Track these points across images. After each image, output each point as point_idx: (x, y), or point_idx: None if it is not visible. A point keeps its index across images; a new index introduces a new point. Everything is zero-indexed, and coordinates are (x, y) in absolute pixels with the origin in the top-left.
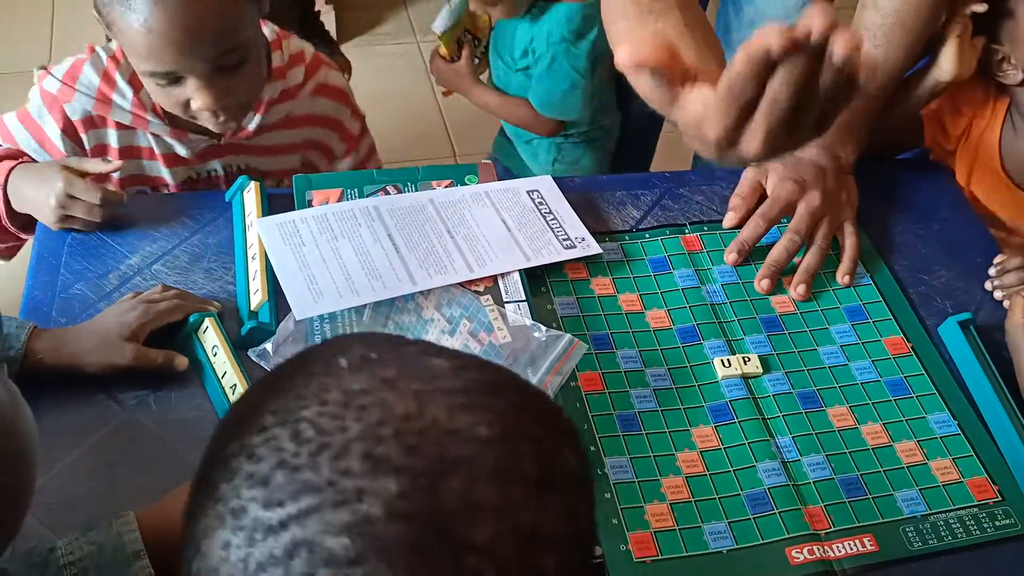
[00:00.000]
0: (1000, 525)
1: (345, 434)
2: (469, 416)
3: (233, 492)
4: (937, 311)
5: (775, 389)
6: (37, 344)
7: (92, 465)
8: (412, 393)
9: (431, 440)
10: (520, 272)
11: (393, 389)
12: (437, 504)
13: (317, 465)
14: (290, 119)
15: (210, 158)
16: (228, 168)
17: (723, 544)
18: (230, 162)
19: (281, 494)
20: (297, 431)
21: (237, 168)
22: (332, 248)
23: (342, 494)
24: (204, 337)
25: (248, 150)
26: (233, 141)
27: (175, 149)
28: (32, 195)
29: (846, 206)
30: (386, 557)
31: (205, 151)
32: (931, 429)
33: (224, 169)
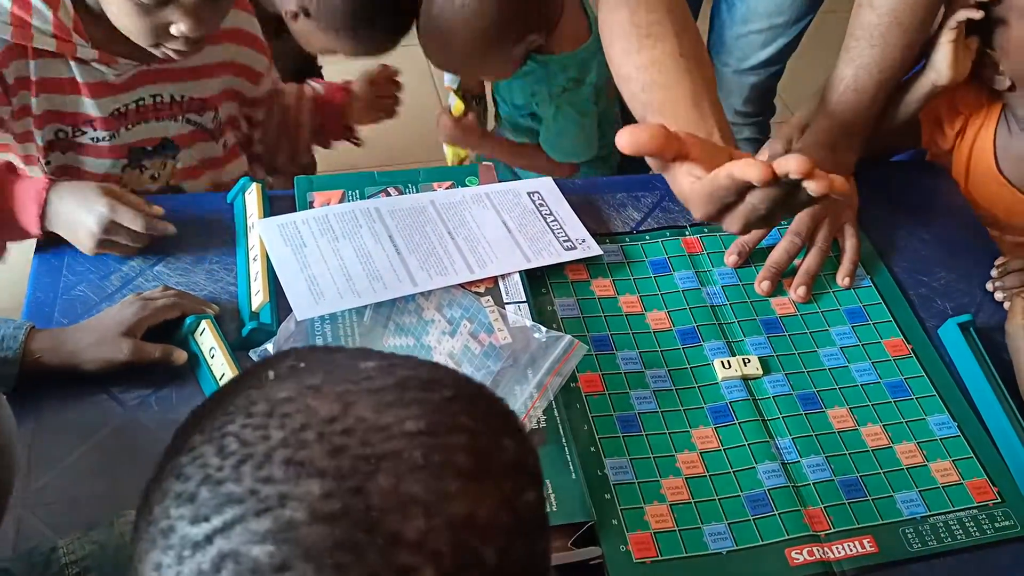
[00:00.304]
0: (1000, 527)
1: (268, 443)
2: (397, 412)
3: (163, 513)
4: (937, 313)
5: (775, 391)
6: (35, 344)
7: (93, 465)
8: (337, 395)
9: (356, 439)
10: (520, 273)
11: (318, 394)
12: (365, 502)
13: (240, 476)
14: (211, 36)
15: (137, 85)
16: (157, 98)
17: (723, 545)
18: (159, 90)
19: (206, 509)
20: (222, 446)
21: (170, 97)
22: (333, 249)
23: (264, 502)
24: (201, 339)
25: (173, 75)
26: (163, 67)
27: (104, 76)
28: (70, 217)
29: (846, 208)
30: (313, 559)
31: (133, 78)
32: (931, 431)
33: (153, 98)
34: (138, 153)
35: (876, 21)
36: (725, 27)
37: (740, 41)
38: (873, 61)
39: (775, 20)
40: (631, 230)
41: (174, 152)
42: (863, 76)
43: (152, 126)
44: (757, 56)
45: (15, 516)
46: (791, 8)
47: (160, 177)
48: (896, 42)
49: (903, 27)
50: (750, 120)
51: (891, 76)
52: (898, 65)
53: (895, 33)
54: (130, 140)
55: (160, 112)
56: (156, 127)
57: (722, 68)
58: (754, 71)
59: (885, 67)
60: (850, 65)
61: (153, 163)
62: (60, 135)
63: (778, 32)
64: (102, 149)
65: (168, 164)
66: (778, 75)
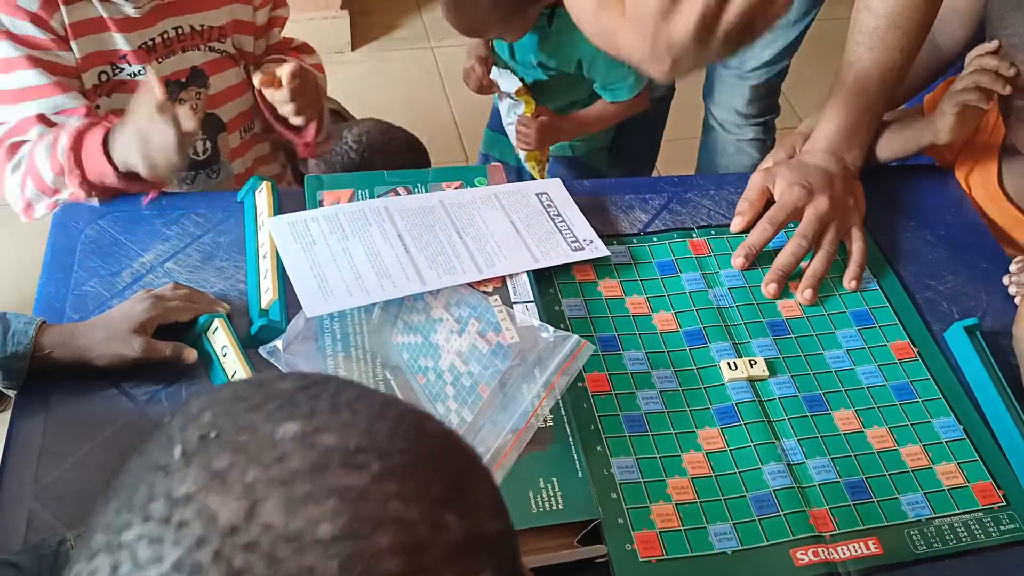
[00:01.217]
0: (1005, 530)
1: (160, 567)
2: (310, 511)
3: None
4: (943, 316)
5: (781, 392)
6: (45, 339)
7: (103, 460)
8: (244, 489)
9: (260, 558)
10: (528, 273)
11: (222, 487)
12: None
13: None
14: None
15: (158, 20)
16: (179, 29)
17: (728, 545)
18: (179, 22)
19: None
20: (116, 564)
21: (190, 28)
22: (343, 247)
23: None
24: (214, 338)
25: (186, 6)
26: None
27: (124, 11)
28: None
29: (853, 211)
30: None
31: (152, 12)
32: (936, 433)
33: (176, 31)
34: (173, 87)
35: (874, 24)
36: None
37: None
38: (873, 64)
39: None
40: (638, 232)
41: (204, 80)
42: (863, 79)
43: (180, 57)
44: (758, 57)
45: (25, 509)
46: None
47: (198, 108)
48: (895, 44)
49: (901, 30)
50: (754, 121)
51: (891, 78)
52: (897, 67)
53: (894, 36)
54: (164, 73)
55: (184, 43)
56: (184, 58)
57: (723, 70)
58: (755, 72)
59: (885, 69)
60: (850, 68)
61: (188, 94)
62: (103, 77)
63: (778, 33)
64: (143, 85)
65: (202, 94)
66: (781, 76)
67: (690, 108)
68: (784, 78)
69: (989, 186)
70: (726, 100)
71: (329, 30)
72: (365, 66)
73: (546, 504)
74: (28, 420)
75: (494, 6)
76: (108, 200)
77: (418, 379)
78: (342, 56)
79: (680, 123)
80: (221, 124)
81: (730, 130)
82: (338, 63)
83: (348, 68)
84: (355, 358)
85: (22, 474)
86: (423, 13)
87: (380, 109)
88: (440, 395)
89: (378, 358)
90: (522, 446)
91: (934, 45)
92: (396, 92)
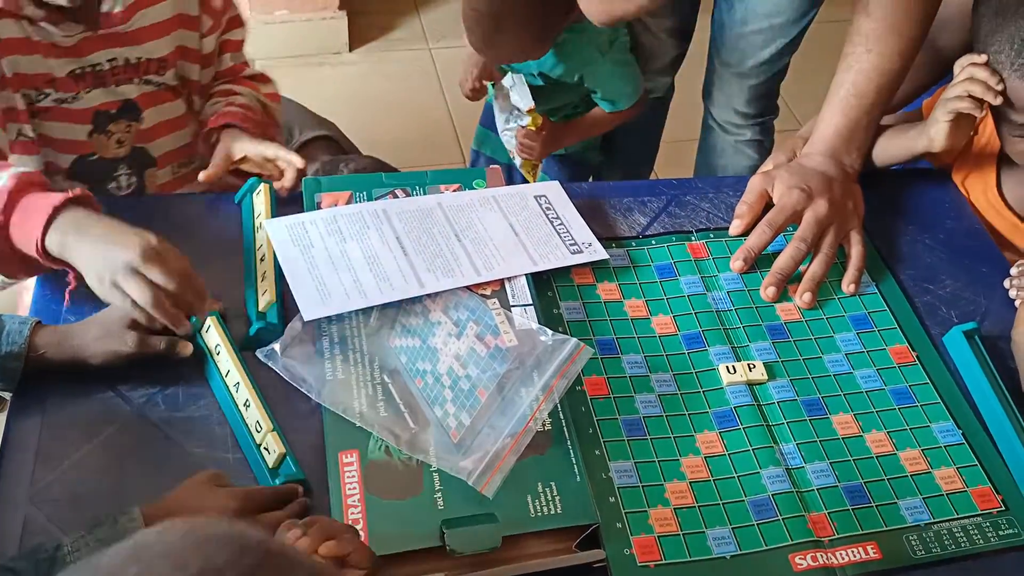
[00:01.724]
0: (1003, 535)
1: None
2: None
3: None
4: (942, 321)
5: (780, 396)
6: (39, 339)
7: (99, 462)
8: None
9: None
10: (527, 276)
11: None
12: None
13: None
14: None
15: (90, 51)
16: (113, 62)
17: (726, 550)
18: (114, 55)
19: None
20: None
21: (125, 60)
22: (341, 250)
23: None
24: (207, 337)
25: (124, 39)
26: (110, 31)
27: (53, 37)
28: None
29: (852, 215)
30: None
31: (84, 43)
32: (935, 438)
33: (110, 63)
34: (102, 117)
35: (872, 27)
36: (724, 27)
37: (740, 42)
38: (871, 66)
39: (774, 20)
40: (637, 235)
41: (137, 114)
42: (862, 81)
43: (111, 90)
44: (757, 56)
45: (21, 513)
46: (789, 8)
47: (125, 141)
48: (893, 46)
49: (898, 32)
50: (753, 121)
51: (889, 81)
52: (896, 70)
53: (891, 38)
54: (93, 104)
55: (118, 76)
56: (115, 91)
57: (722, 69)
58: (754, 71)
59: (883, 72)
60: (848, 71)
61: (117, 126)
62: (27, 100)
63: (777, 32)
64: (68, 113)
65: (132, 126)
66: (780, 76)
67: (689, 110)
68: (783, 78)
69: (988, 193)
70: (725, 99)
71: (327, 31)
72: (363, 67)
73: (544, 508)
74: (24, 423)
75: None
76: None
77: (416, 382)
78: (339, 57)
79: (679, 125)
80: (150, 159)
81: (729, 130)
82: (336, 64)
83: (345, 69)
84: (352, 361)
85: (18, 477)
86: (421, 14)
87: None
88: (438, 398)
89: (376, 361)
90: (520, 450)
91: (934, 49)
92: (394, 93)
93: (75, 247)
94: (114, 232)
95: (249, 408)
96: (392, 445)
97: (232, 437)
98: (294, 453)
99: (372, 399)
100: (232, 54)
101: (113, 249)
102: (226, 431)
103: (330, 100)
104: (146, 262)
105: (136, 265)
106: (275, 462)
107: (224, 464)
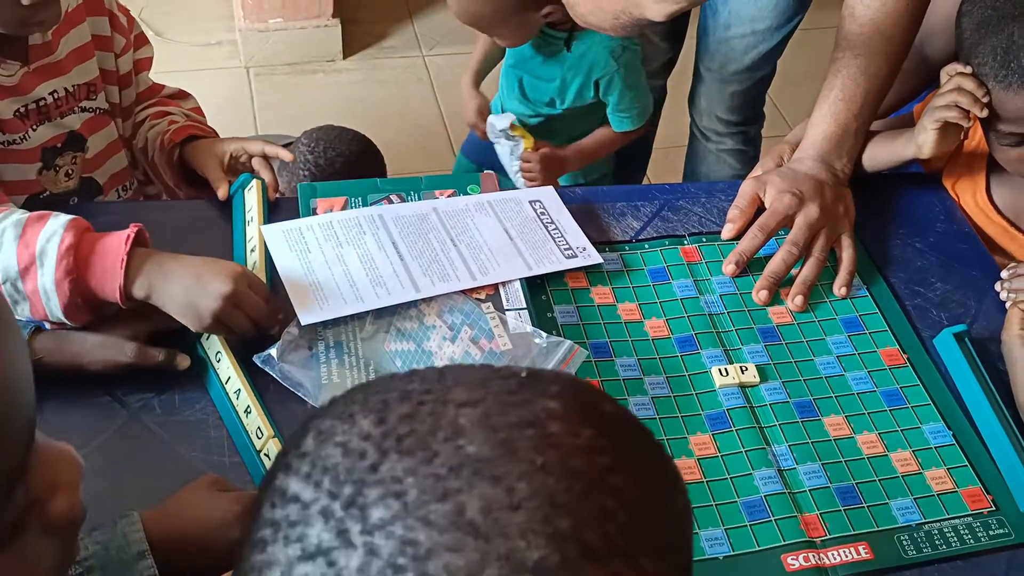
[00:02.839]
0: (994, 534)
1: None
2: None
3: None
4: (933, 323)
5: (772, 398)
6: (38, 344)
7: (97, 466)
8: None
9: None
10: (521, 280)
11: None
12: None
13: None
14: (70, 14)
15: (31, 87)
16: (55, 94)
17: (720, 550)
18: (54, 87)
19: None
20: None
21: (64, 90)
22: (337, 255)
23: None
24: (208, 344)
25: (59, 69)
26: (44, 63)
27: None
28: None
29: (843, 218)
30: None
31: (24, 80)
32: (926, 439)
33: (52, 95)
34: (50, 153)
35: (858, 31)
36: (708, 32)
37: (722, 47)
38: (859, 70)
39: (757, 26)
40: (630, 239)
41: (82, 144)
42: (849, 85)
43: (56, 123)
44: (740, 62)
45: None
46: (773, 14)
47: (73, 174)
48: (879, 50)
49: (885, 35)
50: (735, 129)
51: (877, 85)
52: (884, 73)
53: (877, 42)
54: (40, 141)
55: (61, 108)
56: (60, 124)
57: (705, 74)
58: (736, 77)
59: (871, 75)
60: (837, 76)
61: (64, 160)
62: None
63: (760, 38)
64: (17, 154)
65: (78, 157)
66: (764, 83)
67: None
68: (768, 85)
69: (978, 197)
70: (708, 106)
71: (321, 38)
72: (357, 74)
73: None
74: None
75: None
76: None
77: None
78: (333, 64)
79: (671, 131)
80: (98, 187)
81: (711, 138)
82: (329, 71)
83: (339, 76)
84: (348, 365)
85: None
86: (415, 22)
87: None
88: None
89: (371, 365)
90: None
91: (921, 56)
92: (388, 100)
93: (163, 290)
94: (200, 268)
95: (250, 415)
96: None
97: (228, 441)
98: None
99: None
100: (145, 74)
101: (207, 287)
102: (222, 435)
103: (324, 107)
104: (239, 293)
105: (230, 298)
106: None
107: (220, 468)
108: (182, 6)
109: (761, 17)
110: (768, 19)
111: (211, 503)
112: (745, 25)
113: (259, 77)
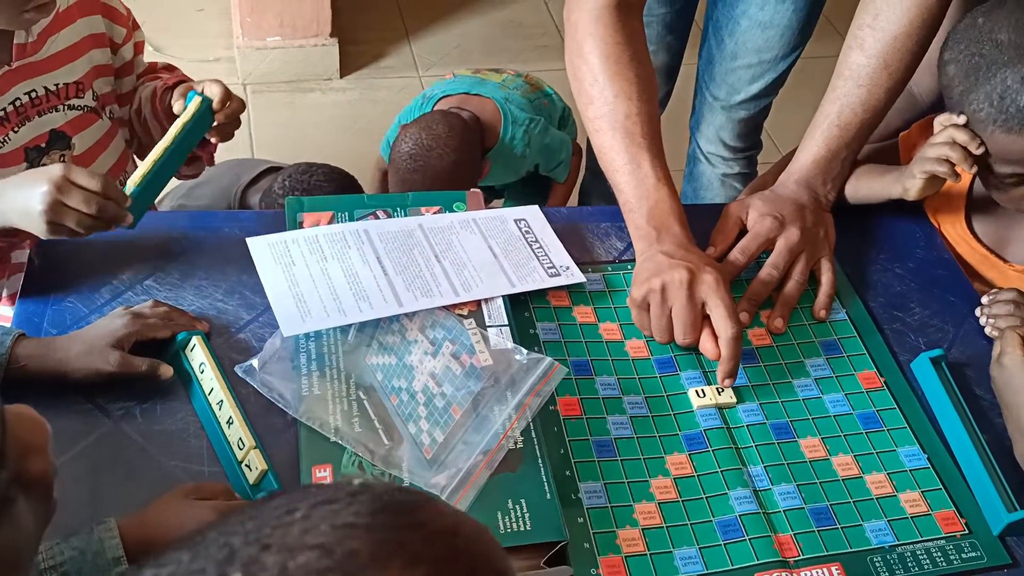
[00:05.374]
0: (967, 557)
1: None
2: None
3: None
4: (910, 347)
5: (749, 419)
6: (22, 350)
7: (77, 473)
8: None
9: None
10: (504, 297)
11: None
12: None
13: None
14: (61, 15)
15: (7, 87)
16: (32, 94)
17: (693, 569)
18: (31, 87)
19: None
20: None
21: (44, 89)
22: (321, 268)
23: None
24: (192, 355)
25: (39, 68)
26: (23, 63)
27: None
28: (16, 199)
29: (824, 242)
30: None
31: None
32: (901, 462)
33: (29, 95)
34: (34, 153)
35: (864, 63)
36: (715, 62)
37: (729, 76)
38: (859, 100)
39: (763, 56)
40: (614, 259)
41: (67, 142)
42: (847, 113)
43: (37, 122)
44: (747, 91)
45: None
46: (778, 44)
47: None
48: (882, 84)
49: (889, 71)
50: (740, 155)
51: (872, 117)
52: (881, 107)
53: (882, 76)
54: (22, 142)
55: (40, 107)
56: (40, 122)
57: (713, 102)
58: (743, 106)
59: (869, 107)
60: (835, 103)
61: (51, 158)
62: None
63: (766, 67)
64: (1, 158)
65: (65, 155)
66: (765, 111)
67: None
68: (767, 115)
69: (958, 225)
70: (714, 132)
71: (318, 57)
72: (353, 94)
73: (514, 525)
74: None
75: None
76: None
77: (391, 399)
78: (330, 83)
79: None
80: None
81: (715, 164)
82: (326, 90)
83: (336, 95)
84: (329, 377)
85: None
86: (412, 42)
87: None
88: (413, 415)
89: (352, 378)
90: (493, 467)
91: (909, 95)
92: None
93: (4, 208)
94: (22, 178)
95: (232, 426)
96: (366, 460)
97: (208, 451)
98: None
99: (347, 415)
100: (140, 56)
101: (32, 192)
102: (202, 445)
103: (320, 125)
104: (61, 188)
105: (51, 195)
106: (256, 479)
107: (199, 477)
108: (181, 23)
109: (767, 48)
110: (774, 49)
111: (188, 512)
112: (752, 56)
113: (256, 94)
